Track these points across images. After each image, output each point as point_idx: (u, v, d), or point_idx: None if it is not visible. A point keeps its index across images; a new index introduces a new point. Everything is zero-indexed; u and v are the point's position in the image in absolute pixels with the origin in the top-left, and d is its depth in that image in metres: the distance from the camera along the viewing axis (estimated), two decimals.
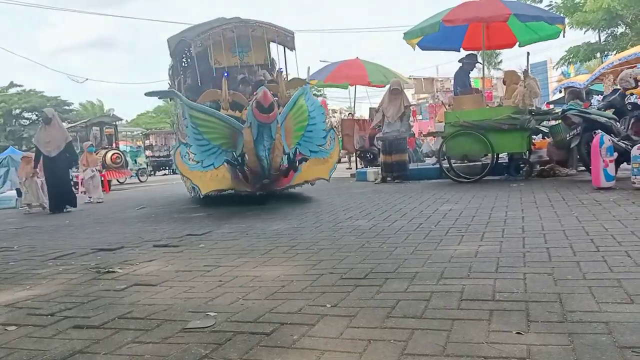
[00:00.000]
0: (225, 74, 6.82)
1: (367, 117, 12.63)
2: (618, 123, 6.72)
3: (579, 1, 20.97)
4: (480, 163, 8.50)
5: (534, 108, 8.11)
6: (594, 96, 14.99)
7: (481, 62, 10.20)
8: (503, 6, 7.74)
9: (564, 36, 8.43)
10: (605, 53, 22.00)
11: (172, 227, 5.39)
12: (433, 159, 11.45)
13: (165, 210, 7.58)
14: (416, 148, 14.26)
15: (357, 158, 12.75)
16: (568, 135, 6.85)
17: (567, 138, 6.86)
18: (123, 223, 6.23)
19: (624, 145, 6.05)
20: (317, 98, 11.68)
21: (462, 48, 9.40)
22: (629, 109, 6.92)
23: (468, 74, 9.33)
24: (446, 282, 2.48)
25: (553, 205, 4.82)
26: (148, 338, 2.01)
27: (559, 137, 7.18)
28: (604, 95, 10.73)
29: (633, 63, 12.82)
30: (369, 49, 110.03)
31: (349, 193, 7.72)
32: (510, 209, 4.74)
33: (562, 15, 16.69)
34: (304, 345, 1.83)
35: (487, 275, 2.56)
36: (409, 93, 21.39)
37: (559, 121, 7.27)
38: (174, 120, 12.62)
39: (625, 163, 6.01)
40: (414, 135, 15.59)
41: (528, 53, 8.57)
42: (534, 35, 8.79)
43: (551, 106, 15.60)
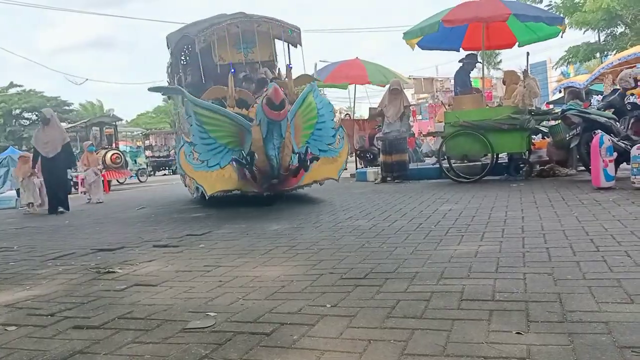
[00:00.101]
0: (232, 71, 6.66)
1: (367, 117, 12.62)
2: (618, 123, 6.72)
3: (579, 1, 20.98)
4: (480, 163, 8.50)
5: (534, 108, 8.11)
6: (594, 96, 15.02)
7: (481, 62, 10.20)
8: (503, 6, 7.74)
9: (562, 37, 8.46)
10: (604, 53, 22.03)
11: (172, 228, 5.39)
12: (433, 159, 11.46)
13: (165, 210, 7.58)
14: (416, 148, 14.26)
15: (357, 158, 12.74)
16: (568, 135, 6.85)
17: (567, 138, 6.87)
18: (123, 223, 6.23)
19: (624, 145, 6.05)
20: None
21: (462, 48, 9.41)
22: (629, 109, 6.92)
23: (469, 74, 9.34)
24: (446, 282, 2.49)
25: (553, 205, 4.82)
26: (148, 338, 2.01)
27: (559, 137, 7.19)
28: (604, 95, 10.73)
29: (632, 63, 12.83)
30: (369, 49, 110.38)
31: (349, 193, 7.72)
32: (510, 209, 4.74)
33: (562, 15, 16.68)
34: (304, 345, 1.83)
35: (487, 275, 2.56)
36: (409, 93, 21.39)
37: (559, 121, 7.28)
38: (174, 120, 12.58)
39: (625, 163, 6.01)
40: (414, 135, 15.60)
41: (528, 53, 8.58)
42: (534, 35, 8.80)
43: (551, 106, 15.62)
